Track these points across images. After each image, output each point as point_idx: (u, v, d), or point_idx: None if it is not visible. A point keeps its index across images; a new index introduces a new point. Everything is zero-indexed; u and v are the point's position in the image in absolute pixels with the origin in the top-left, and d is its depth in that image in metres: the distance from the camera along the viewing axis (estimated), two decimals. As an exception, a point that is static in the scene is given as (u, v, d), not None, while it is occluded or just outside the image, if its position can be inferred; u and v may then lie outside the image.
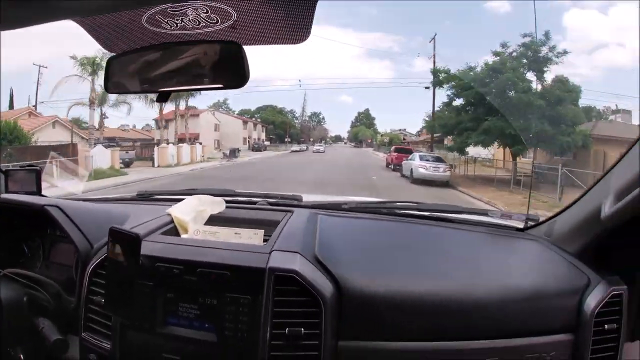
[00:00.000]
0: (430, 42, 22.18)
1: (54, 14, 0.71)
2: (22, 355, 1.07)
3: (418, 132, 43.21)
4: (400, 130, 47.91)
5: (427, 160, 14.61)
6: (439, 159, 15.22)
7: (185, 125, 23.87)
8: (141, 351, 1.04)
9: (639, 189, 0.92)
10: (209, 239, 1.20)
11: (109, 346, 1.06)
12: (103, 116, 19.51)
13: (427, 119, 41.93)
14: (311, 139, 56.98)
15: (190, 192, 1.58)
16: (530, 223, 1.45)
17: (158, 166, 17.75)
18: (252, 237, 1.19)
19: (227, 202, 1.47)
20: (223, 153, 23.72)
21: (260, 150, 33.86)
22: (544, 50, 14.31)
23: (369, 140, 56.06)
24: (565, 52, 14.26)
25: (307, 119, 61.56)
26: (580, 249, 1.20)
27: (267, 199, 1.62)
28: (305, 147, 41.00)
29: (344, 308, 1.03)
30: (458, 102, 16.68)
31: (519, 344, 1.05)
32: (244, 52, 0.82)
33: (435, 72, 18.38)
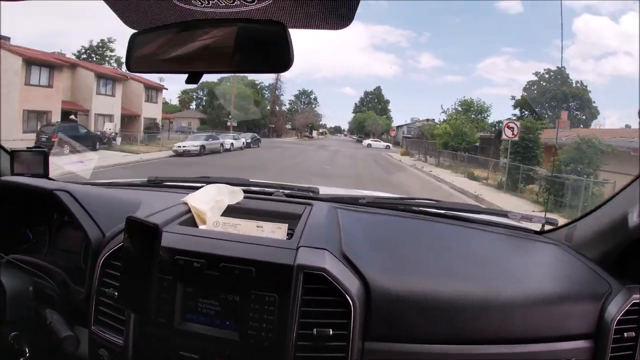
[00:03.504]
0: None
1: None
2: (27, 349, 1.01)
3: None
4: (427, 120, 31.02)
5: None
6: None
7: None
8: (156, 348, 0.99)
9: None
10: (230, 231, 1.15)
11: (121, 341, 1.00)
12: None
13: (458, 108, 24.43)
14: (290, 126, 40.73)
15: (204, 180, 1.52)
16: (549, 227, 1.43)
17: None
18: (275, 231, 1.15)
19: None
20: None
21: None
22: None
23: (392, 133, 36.40)
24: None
25: (293, 99, 43.32)
26: (602, 256, 1.19)
27: (283, 189, 1.58)
28: (227, 143, 19.39)
29: (371, 308, 0.99)
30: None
31: (540, 349, 1.03)
32: (289, 33, 0.76)
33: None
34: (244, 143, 21.83)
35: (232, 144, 20.10)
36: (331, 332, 0.92)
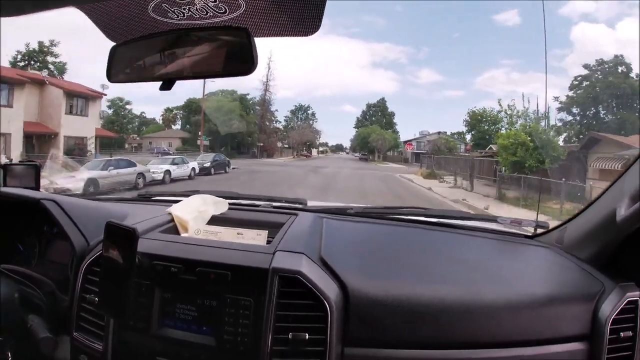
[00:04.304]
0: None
1: (61, 1, 0.69)
2: (9, 353, 1.01)
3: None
4: (439, 133, 29.17)
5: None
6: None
7: None
8: (134, 353, 0.99)
9: None
10: (210, 238, 1.16)
11: (100, 347, 1.01)
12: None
13: (468, 119, 22.78)
14: (284, 144, 36.95)
15: (193, 194, 1.54)
16: (540, 230, 1.42)
17: None
18: (255, 237, 1.15)
19: (230, 204, 1.45)
20: None
21: None
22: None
23: (409, 148, 32.55)
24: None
25: (289, 115, 38.79)
26: (593, 255, 1.17)
27: (271, 202, 1.59)
28: (155, 173, 12.66)
29: (350, 313, 0.98)
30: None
31: (531, 353, 1.01)
32: (252, 39, 0.80)
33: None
34: (194, 170, 14.84)
35: (167, 172, 13.04)
36: (307, 337, 0.92)
